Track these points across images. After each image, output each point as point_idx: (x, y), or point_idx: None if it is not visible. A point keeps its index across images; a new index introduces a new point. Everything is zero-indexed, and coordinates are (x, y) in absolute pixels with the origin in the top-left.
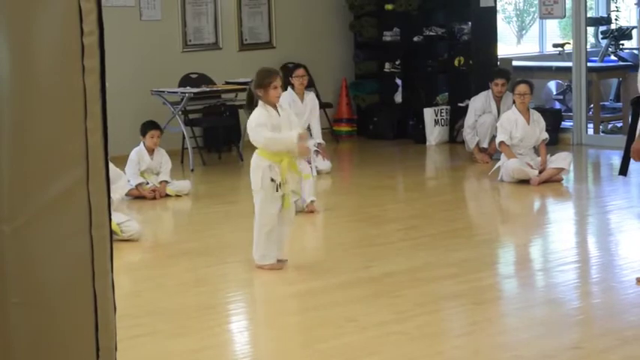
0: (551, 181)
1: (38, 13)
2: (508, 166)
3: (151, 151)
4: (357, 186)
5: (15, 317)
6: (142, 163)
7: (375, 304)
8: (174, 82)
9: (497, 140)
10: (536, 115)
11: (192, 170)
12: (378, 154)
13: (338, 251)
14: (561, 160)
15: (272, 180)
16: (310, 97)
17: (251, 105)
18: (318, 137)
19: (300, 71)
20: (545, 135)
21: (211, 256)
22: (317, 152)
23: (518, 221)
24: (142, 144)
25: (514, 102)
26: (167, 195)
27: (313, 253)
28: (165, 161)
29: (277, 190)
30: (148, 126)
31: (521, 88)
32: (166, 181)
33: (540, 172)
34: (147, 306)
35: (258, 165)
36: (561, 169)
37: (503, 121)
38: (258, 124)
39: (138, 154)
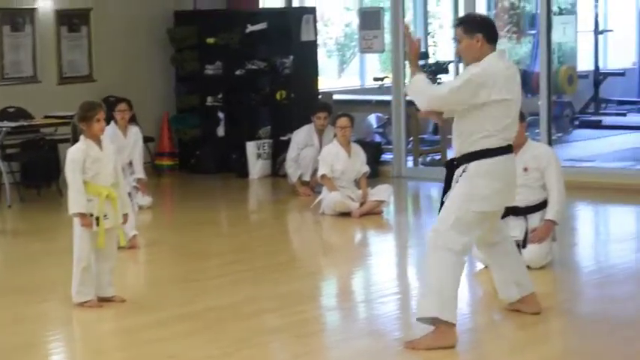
0: (372, 213)
1: None
2: (330, 198)
3: None
4: (178, 221)
5: None
6: None
7: (199, 339)
8: None
9: (319, 173)
10: (357, 149)
11: (9, 206)
12: (200, 189)
13: (160, 287)
14: (382, 192)
15: (90, 215)
16: (134, 131)
17: (75, 139)
18: (139, 172)
19: (122, 105)
20: (366, 168)
21: (31, 294)
22: (137, 188)
23: (340, 254)
24: None
25: (335, 135)
26: None
27: (135, 289)
28: None
29: (97, 225)
30: None
31: (342, 121)
32: None
33: (361, 205)
34: None
35: None
36: (382, 202)
37: (324, 155)
38: (71, 159)
39: None
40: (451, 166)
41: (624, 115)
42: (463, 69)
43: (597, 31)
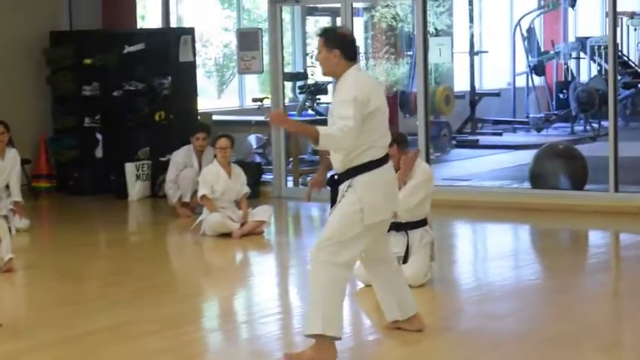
0: (253, 233)
1: None
2: (210, 219)
3: None
4: (56, 243)
5: None
6: None
7: None
8: None
9: (199, 194)
10: (237, 169)
11: None
12: (78, 210)
13: (38, 310)
14: (262, 212)
15: None
16: (12, 154)
17: None
18: (16, 195)
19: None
20: (247, 189)
21: None
22: (13, 211)
23: (221, 274)
24: None
25: (215, 156)
26: None
27: (12, 313)
28: None
29: None
30: None
31: (222, 142)
32: None
33: (242, 225)
34: None
35: None
36: (262, 222)
37: (204, 175)
38: None
39: None
40: (334, 183)
41: (500, 134)
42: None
43: (473, 52)
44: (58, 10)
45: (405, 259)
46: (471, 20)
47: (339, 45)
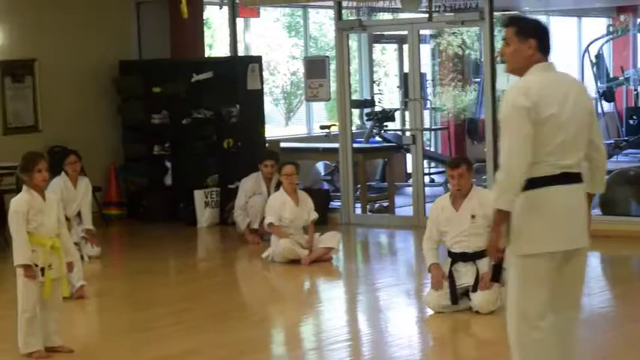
0: (321, 260)
1: None
2: (279, 246)
3: None
4: (127, 270)
5: None
6: None
7: None
8: None
9: (266, 222)
10: (303, 196)
11: None
12: (148, 237)
13: (109, 337)
14: (330, 239)
15: (35, 265)
16: (84, 182)
17: (19, 189)
18: (87, 223)
19: (72, 157)
20: (315, 215)
21: None
22: (85, 239)
23: (289, 301)
24: None
25: (281, 183)
26: None
27: (84, 340)
28: None
29: (42, 276)
30: None
31: (288, 169)
32: None
33: (309, 252)
34: None
35: None
36: (330, 249)
37: (271, 203)
38: (15, 210)
39: None
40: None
41: None
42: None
43: None
44: (127, 40)
45: (474, 289)
46: None
47: (535, 34)
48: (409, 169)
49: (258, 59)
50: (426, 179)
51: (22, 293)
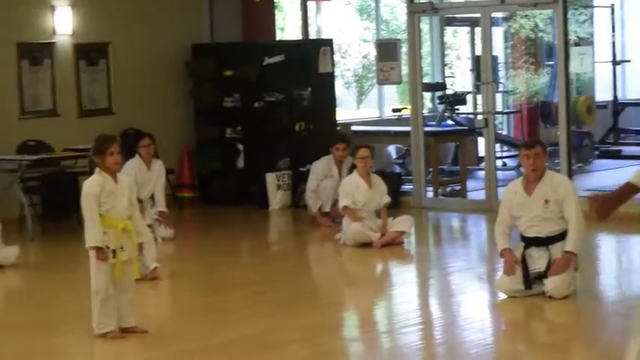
0: (393, 244)
1: None
2: (351, 229)
3: None
4: (200, 252)
5: None
6: None
7: None
8: (11, 150)
9: (341, 205)
10: (377, 180)
11: (31, 239)
12: (221, 220)
13: (183, 318)
14: (402, 223)
15: (107, 247)
16: (158, 165)
17: (92, 172)
18: (160, 205)
19: (146, 140)
20: (387, 198)
21: (53, 326)
22: (158, 221)
23: (361, 284)
24: None
25: (354, 166)
26: None
27: (157, 321)
28: None
29: (113, 258)
30: None
31: (363, 152)
32: None
33: (382, 236)
34: None
35: None
36: (402, 232)
37: (345, 186)
38: (87, 192)
39: None
40: None
41: None
42: None
43: (615, 62)
44: (199, 24)
45: (545, 274)
46: (613, 29)
47: None
48: (481, 153)
49: (329, 42)
50: (499, 163)
51: (94, 275)
